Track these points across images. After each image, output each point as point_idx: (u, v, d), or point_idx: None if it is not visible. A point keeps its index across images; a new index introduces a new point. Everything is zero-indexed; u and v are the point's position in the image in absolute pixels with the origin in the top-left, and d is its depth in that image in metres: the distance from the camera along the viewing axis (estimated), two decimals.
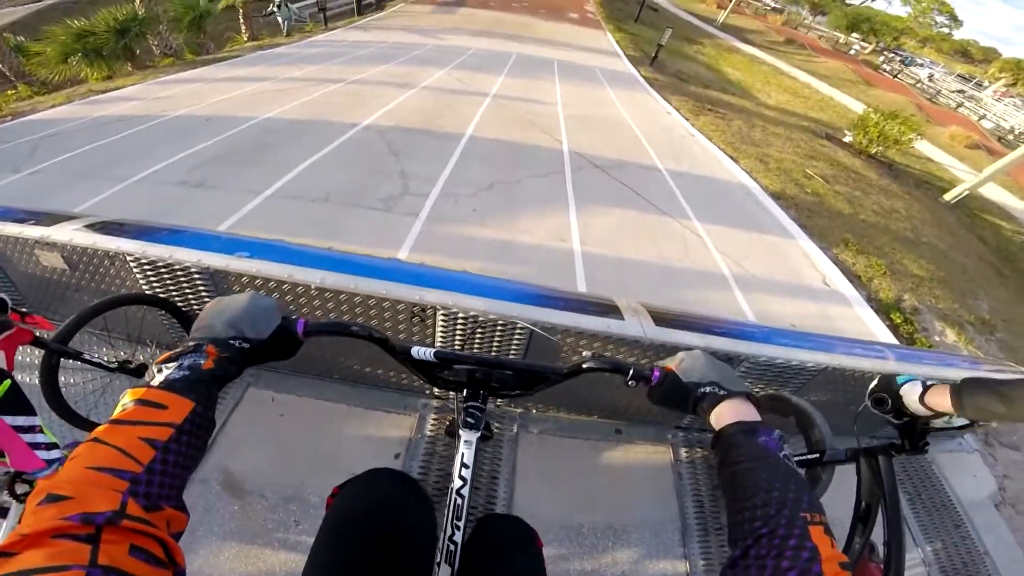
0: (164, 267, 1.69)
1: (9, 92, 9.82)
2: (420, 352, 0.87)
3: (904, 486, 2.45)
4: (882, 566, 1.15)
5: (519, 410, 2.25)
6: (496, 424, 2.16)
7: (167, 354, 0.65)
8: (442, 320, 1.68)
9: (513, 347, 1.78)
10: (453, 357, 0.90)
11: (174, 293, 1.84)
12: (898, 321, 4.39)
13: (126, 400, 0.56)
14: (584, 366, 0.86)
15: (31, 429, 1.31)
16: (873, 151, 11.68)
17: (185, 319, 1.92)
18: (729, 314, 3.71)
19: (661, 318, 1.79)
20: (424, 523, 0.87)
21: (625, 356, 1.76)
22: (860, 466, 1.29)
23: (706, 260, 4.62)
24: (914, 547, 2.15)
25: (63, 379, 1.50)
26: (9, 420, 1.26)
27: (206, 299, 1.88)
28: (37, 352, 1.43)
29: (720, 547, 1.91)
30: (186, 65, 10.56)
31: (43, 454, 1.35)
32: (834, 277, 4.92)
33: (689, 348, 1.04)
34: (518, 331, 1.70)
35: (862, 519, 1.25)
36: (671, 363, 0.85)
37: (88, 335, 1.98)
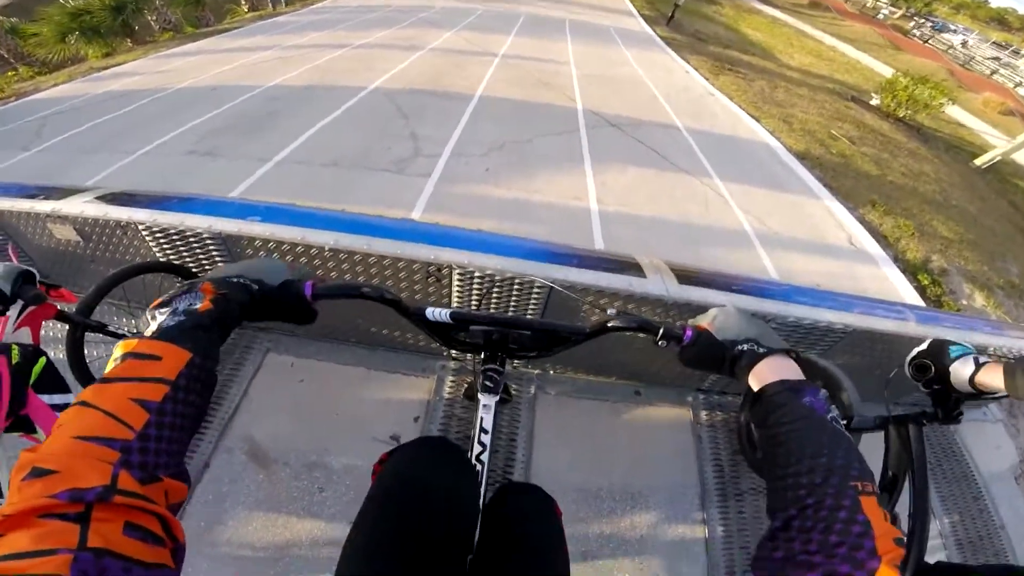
0: (176, 234, 1.67)
1: (10, 73, 9.74)
2: (435, 313, 0.83)
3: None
4: (904, 538, 1.11)
5: (536, 371, 2.23)
6: (514, 386, 2.15)
7: (160, 299, 0.59)
8: (458, 280, 1.64)
9: (531, 307, 1.74)
10: (469, 317, 0.85)
11: (188, 260, 1.83)
12: (925, 283, 4.24)
13: (117, 354, 0.50)
14: (609, 324, 0.79)
15: (66, 407, 1.34)
16: (901, 115, 11.08)
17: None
18: (752, 272, 3.60)
19: (684, 276, 1.72)
20: (470, 492, 0.84)
21: (648, 315, 1.71)
22: (889, 433, 1.23)
23: (728, 218, 4.49)
24: (932, 518, 2.13)
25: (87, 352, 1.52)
26: (46, 399, 1.27)
27: (220, 264, 1.87)
28: (61, 326, 1.44)
29: (739, 513, 1.90)
30: (186, 39, 10.33)
31: None
32: (860, 237, 4.75)
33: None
34: (536, 290, 1.65)
35: (887, 488, 1.21)
36: (704, 321, 0.78)
37: (108, 306, 2.00)
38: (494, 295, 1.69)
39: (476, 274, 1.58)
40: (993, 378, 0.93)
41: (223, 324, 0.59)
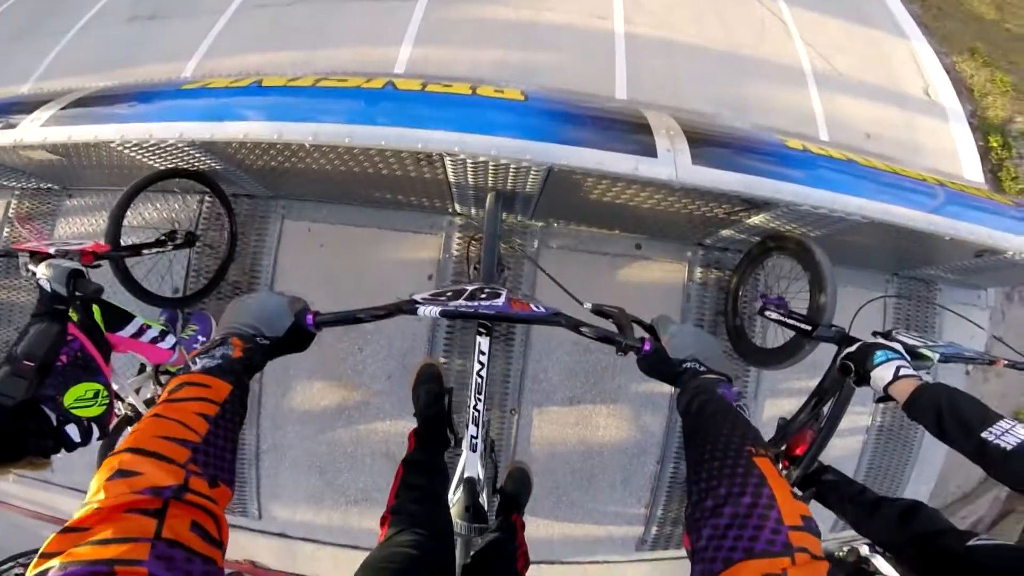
0: (150, 145, 1.60)
1: None
2: (426, 311, 0.89)
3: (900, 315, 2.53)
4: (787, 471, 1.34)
5: (540, 224, 2.24)
6: (517, 240, 2.21)
7: (199, 349, 0.74)
8: (451, 163, 1.55)
9: (530, 183, 1.67)
10: (457, 314, 0.92)
11: (173, 160, 1.81)
12: (994, 144, 3.69)
13: (172, 386, 0.62)
14: (581, 329, 0.88)
15: (141, 330, 1.53)
16: None
17: (200, 177, 1.91)
18: (790, 116, 3.17)
19: (697, 137, 1.56)
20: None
21: (652, 194, 1.65)
22: (839, 352, 1.31)
23: (785, 50, 3.71)
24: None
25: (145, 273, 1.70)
26: (123, 333, 1.46)
27: (209, 162, 1.80)
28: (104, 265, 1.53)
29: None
30: None
31: (162, 345, 1.63)
32: (940, 87, 3.96)
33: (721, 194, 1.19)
34: (534, 169, 1.55)
35: (818, 394, 1.36)
36: (665, 337, 0.88)
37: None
38: (491, 174, 1.62)
39: (469, 162, 1.49)
40: (900, 394, 1.06)
41: (249, 369, 0.73)
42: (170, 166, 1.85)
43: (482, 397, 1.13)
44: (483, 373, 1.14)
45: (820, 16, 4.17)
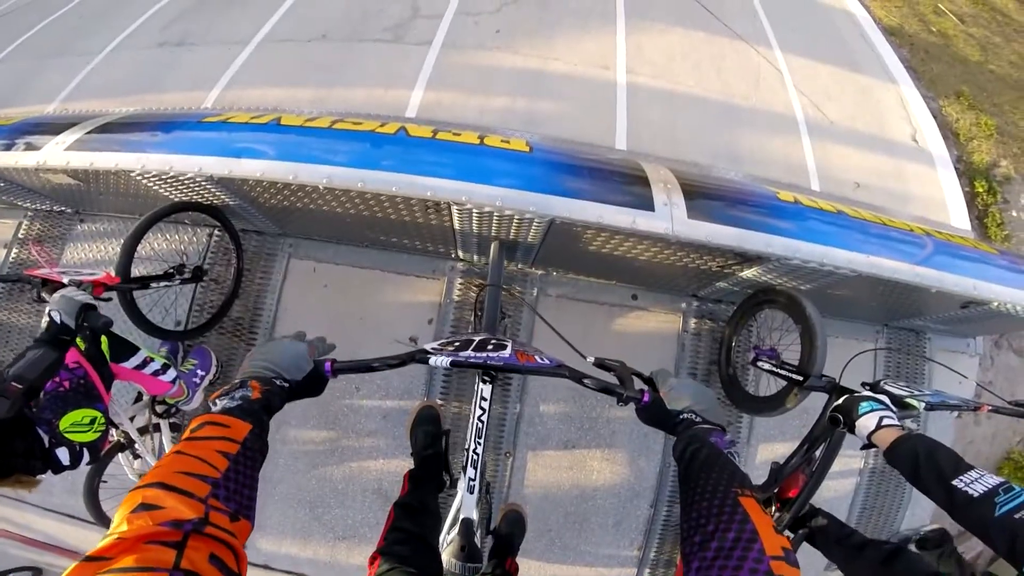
0: (169, 177, 1.65)
1: None
2: (437, 361, 0.94)
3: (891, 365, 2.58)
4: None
5: (540, 272, 2.30)
6: (517, 288, 2.26)
7: (219, 391, 0.77)
8: (457, 211, 1.62)
9: (532, 233, 1.73)
10: (467, 364, 0.96)
11: (189, 194, 1.86)
12: (980, 190, 3.82)
13: (194, 425, 0.66)
14: (584, 381, 0.93)
15: (145, 363, 1.56)
16: None
17: (212, 212, 1.97)
18: (782, 166, 3.30)
19: (692, 190, 1.63)
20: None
21: (649, 246, 1.72)
22: (829, 401, 1.42)
23: (778, 99, 3.87)
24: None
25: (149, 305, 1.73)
26: (127, 364, 1.49)
27: (223, 197, 1.87)
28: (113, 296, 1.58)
29: None
30: None
31: (163, 377, 1.65)
32: (927, 133, 4.12)
33: (715, 248, 1.36)
34: (537, 220, 1.62)
35: (810, 440, 1.41)
36: (663, 389, 0.95)
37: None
38: (495, 223, 1.68)
39: (475, 211, 1.55)
40: (882, 442, 1.16)
41: (268, 410, 0.76)
42: (184, 198, 1.91)
43: (482, 441, 1.16)
44: (484, 418, 1.18)
45: (813, 63, 4.38)
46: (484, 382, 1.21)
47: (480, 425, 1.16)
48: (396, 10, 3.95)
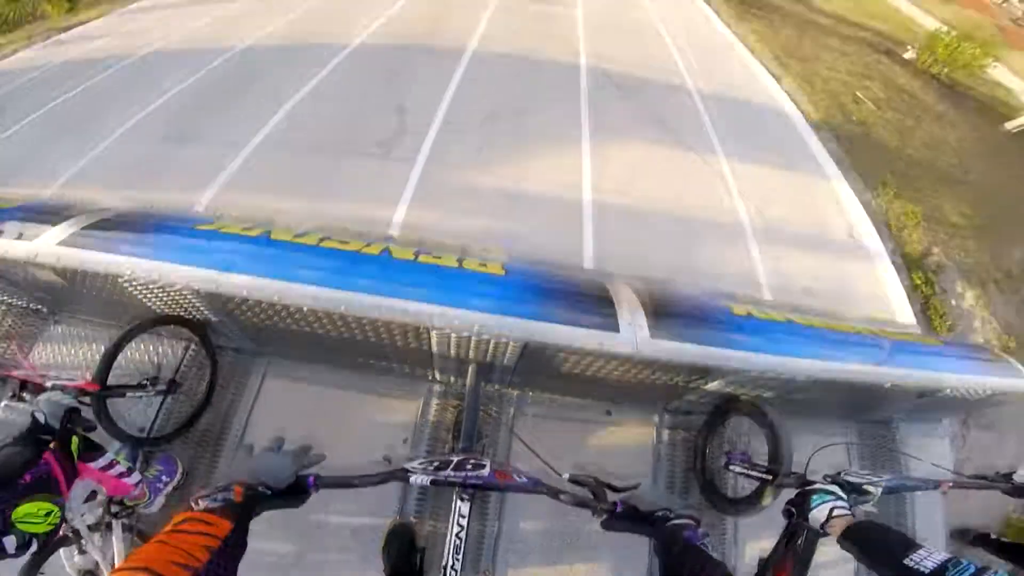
0: (157, 287, 1.71)
1: None
2: (418, 480, 1.01)
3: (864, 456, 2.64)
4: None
5: (516, 392, 2.36)
6: (494, 408, 2.29)
7: (204, 492, 0.83)
8: (436, 334, 1.70)
9: (508, 354, 1.82)
10: (447, 483, 1.04)
11: (174, 307, 1.92)
12: (918, 282, 4.20)
13: (178, 520, 0.72)
14: (560, 497, 1.04)
15: (111, 464, 1.57)
16: (936, 71, 10.22)
17: (193, 326, 2.01)
18: (736, 276, 3.57)
19: (654, 309, 1.77)
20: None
21: (617, 365, 1.81)
22: (804, 494, 1.43)
23: (727, 207, 4.31)
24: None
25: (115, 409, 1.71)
26: (93, 464, 1.51)
27: (205, 311, 1.92)
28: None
29: None
30: None
31: (128, 480, 1.66)
32: (862, 227, 4.62)
33: (678, 364, 1.50)
34: (512, 342, 1.71)
35: (787, 535, 1.45)
36: (635, 495, 1.06)
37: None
38: (472, 345, 1.76)
39: (453, 335, 1.64)
40: (834, 531, 1.24)
41: (247, 511, 0.81)
42: (165, 307, 1.93)
43: (460, 558, 1.16)
44: (462, 535, 1.19)
45: (755, 167, 4.91)
46: (463, 500, 1.23)
47: (458, 542, 1.17)
48: (385, 125, 4.40)
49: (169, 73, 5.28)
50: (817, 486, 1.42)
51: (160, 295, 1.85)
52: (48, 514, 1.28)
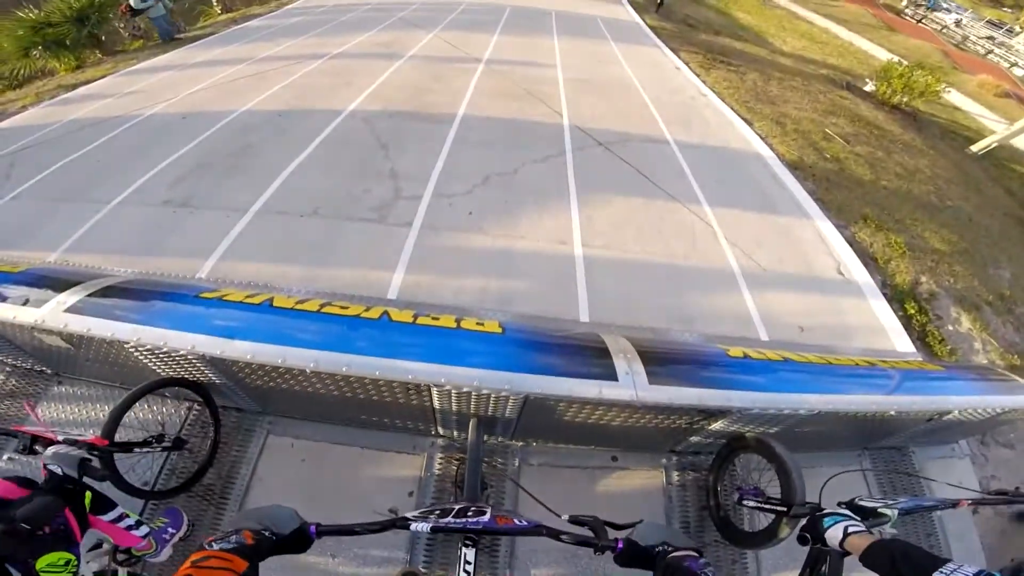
0: (163, 353, 1.76)
1: None
2: (418, 527, 1.04)
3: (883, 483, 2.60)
4: None
5: (520, 443, 2.34)
6: (498, 459, 2.27)
7: (215, 536, 0.90)
8: (437, 392, 1.73)
9: (509, 408, 1.83)
10: (447, 529, 1.06)
11: (179, 371, 1.97)
12: (912, 311, 4.25)
13: (196, 558, 0.80)
14: (561, 537, 1.04)
15: (120, 517, 1.66)
16: (896, 101, 10.95)
17: (197, 388, 2.04)
18: (730, 321, 3.63)
19: (650, 357, 1.80)
20: None
21: (618, 412, 1.83)
22: (815, 520, 1.44)
23: (714, 253, 4.42)
24: None
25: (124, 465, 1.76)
26: (104, 517, 1.61)
27: (208, 374, 1.97)
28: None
29: None
30: (157, 48, 10.03)
31: (136, 532, 1.73)
32: (849, 263, 4.71)
33: (679, 407, 1.53)
34: (513, 397, 1.73)
35: (809, 564, 1.42)
36: (635, 531, 1.07)
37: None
38: (473, 402, 1.78)
39: (453, 392, 1.67)
40: (855, 548, 1.24)
41: (258, 554, 0.88)
42: (170, 371, 1.97)
43: None
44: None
45: (738, 212, 5.04)
46: (467, 546, 1.23)
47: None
48: (380, 191, 4.62)
49: (171, 137, 5.59)
50: (828, 510, 1.43)
51: (165, 359, 1.89)
52: (67, 563, 1.38)
